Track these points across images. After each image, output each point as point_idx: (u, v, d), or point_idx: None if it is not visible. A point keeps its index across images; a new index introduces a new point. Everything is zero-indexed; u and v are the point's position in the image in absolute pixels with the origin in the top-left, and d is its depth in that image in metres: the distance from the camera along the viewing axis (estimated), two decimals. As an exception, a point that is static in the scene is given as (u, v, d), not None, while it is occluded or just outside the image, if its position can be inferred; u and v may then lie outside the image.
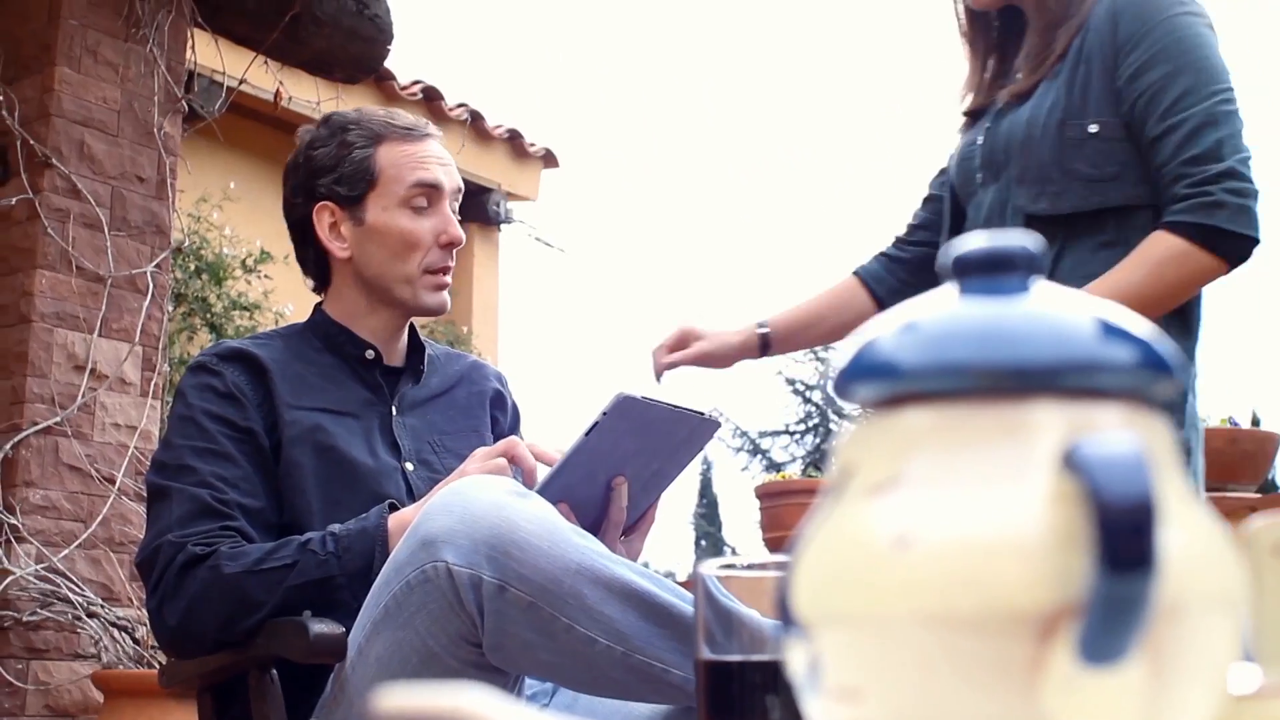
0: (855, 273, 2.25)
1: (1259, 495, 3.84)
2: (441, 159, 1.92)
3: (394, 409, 1.89)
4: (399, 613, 1.43)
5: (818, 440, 22.81)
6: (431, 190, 1.89)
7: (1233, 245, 1.80)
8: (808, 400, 23.28)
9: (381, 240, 1.88)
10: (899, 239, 2.25)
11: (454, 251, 1.92)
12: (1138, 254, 1.82)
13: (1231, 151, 1.81)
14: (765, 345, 2.15)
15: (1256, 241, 1.80)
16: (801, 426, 24.62)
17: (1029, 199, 1.93)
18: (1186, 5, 1.90)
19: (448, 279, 1.92)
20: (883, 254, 2.25)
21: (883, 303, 2.20)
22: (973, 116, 2.13)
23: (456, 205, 1.95)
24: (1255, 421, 4.52)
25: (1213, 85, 1.85)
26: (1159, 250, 1.80)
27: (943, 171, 2.23)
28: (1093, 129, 1.90)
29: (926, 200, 2.25)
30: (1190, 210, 1.79)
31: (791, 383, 25.19)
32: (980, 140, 2.04)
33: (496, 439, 1.94)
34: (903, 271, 2.22)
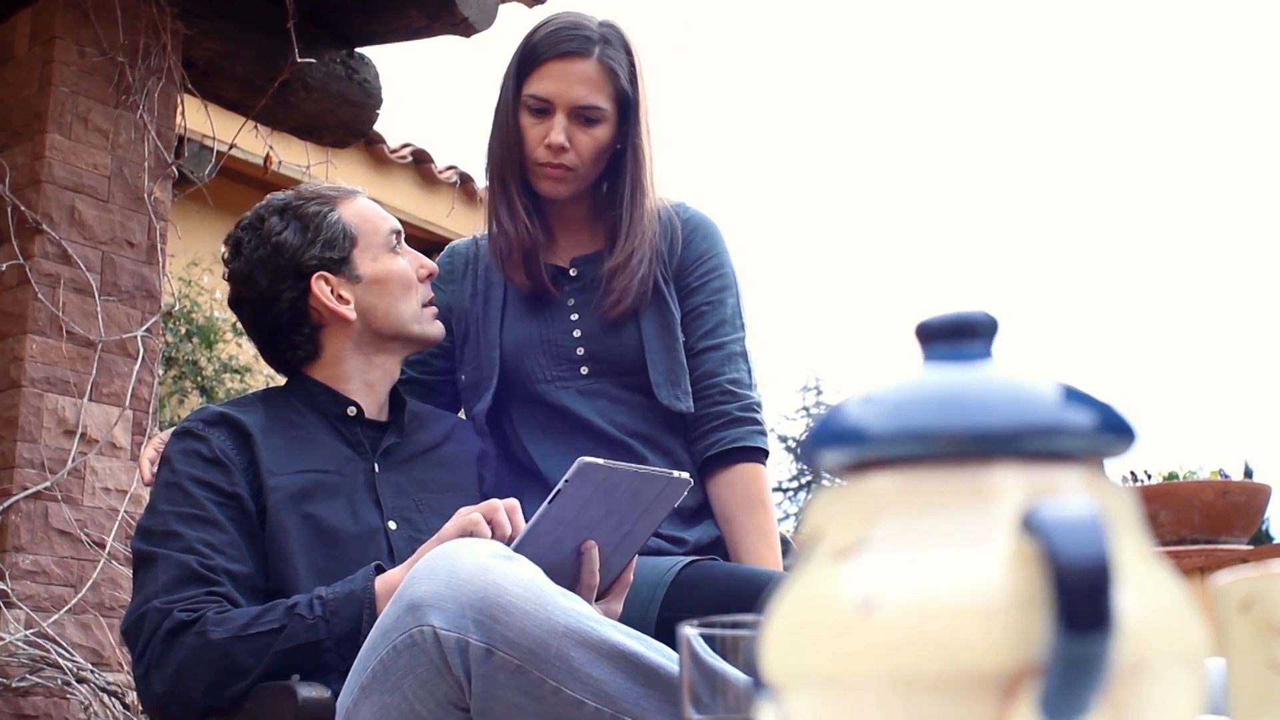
0: None
1: (1251, 547, 3.85)
2: (381, 207, 2.05)
3: (375, 465, 1.90)
4: (386, 677, 1.43)
5: (811, 497, 22.79)
6: (399, 234, 2.01)
7: (764, 457, 2.10)
8: (800, 458, 23.25)
9: (384, 287, 1.94)
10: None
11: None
12: (757, 491, 2.05)
13: (753, 384, 2.12)
14: None
15: (767, 454, 2.10)
16: (795, 484, 24.59)
17: (670, 399, 2.06)
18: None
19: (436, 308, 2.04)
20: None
21: None
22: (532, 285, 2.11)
23: None
24: (1248, 473, 4.53)
25: (741, 321, 2.15)
26: (762, 481, 2.07)
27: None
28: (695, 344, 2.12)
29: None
30: (752, 436, 2.06)
31: (784, 440, 25.17)
32: (578, 334, 2.08)
33: (484, 497, 1.94)
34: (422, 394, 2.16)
